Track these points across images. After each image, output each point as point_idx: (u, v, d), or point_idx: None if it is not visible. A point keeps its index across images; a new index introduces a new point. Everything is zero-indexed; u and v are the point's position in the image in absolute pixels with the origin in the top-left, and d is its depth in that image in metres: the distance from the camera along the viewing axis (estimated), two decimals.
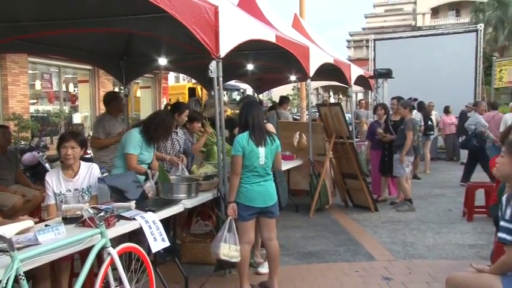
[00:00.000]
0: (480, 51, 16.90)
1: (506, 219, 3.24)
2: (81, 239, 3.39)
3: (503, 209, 3.31)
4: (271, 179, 4.93)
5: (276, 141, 4.95)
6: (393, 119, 9.38)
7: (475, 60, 16.71)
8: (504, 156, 3.45)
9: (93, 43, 7.34)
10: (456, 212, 8.53)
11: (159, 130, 5.33)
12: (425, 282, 5.24)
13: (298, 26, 10.57)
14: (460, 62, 16.53)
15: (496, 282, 3.28)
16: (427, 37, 19.15)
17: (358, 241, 6.88)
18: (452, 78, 16.02)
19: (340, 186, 9.30)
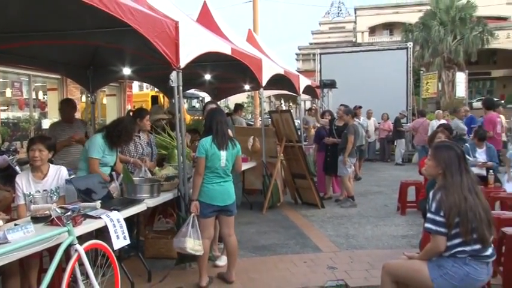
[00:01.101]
0: (410, 65, 17.40)
1: (432, 211, 3.38)
2: (49, 237, 3.31)
3: (429, 203, 3.43)
4: (231, 180, 4.93)
5: (237, 146, 4.96)
6: (337, 124, 9.46)
7: (406, 74, 17.15)
8: (430, 159, 3.59)
9: (62, 54, 7.16)
10: (391, 207, 8.69)
11: (122, 136, 5.26)
12: (365, 269, 5.31)
13: (252, 41, 10.57)
14: (393, 74, 16.91)
15: (423, 267, 3.43)
16: (366, 52, 19.50)
17: (307, 235, 6.91)
18: (387, 88, 16.36)
19: (290, 185, 9.32)
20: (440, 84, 33.69)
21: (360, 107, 12.86)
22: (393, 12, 56.00)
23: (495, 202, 6.87)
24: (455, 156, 3.47)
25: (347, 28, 65.28)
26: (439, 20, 37.51)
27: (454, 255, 3.32)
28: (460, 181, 3.37)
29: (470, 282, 3.33)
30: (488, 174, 7.90)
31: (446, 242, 3.31)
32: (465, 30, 37.48)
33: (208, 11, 8.83)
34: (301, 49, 60.14)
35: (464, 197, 3.31)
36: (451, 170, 3.43)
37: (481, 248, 3.31)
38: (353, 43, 53.11)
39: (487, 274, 3.42)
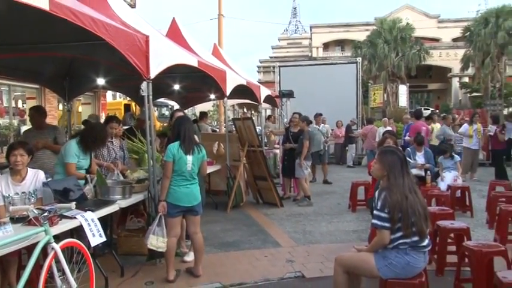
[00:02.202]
0: (359, 78, 17.66)
1: (377, 208, 3.47)
2: (27, 236, 3.25)
3: (375, 201, 3.51)
4: (197, 183, 4.90)
5: (203, 151, 4.94)
6: (293, 130, 9.53)
7: (356, 85, 17.40)
8: (376, 162, 3.67)
9: (40, 65, 6.98)
10: (344, 205, 8.79)
11: (96, 141, 5.21)
12: (320, 262, 5.36)
13: (217, 54, 10.55)
14: (344, 86, 17.11)
15: (370, 258, 3.52)
16: (320, 66, 19.76)
17: (267, 231, 6.91)
18: (340, 98, 16.53)
19: (252, 186, 9.32)
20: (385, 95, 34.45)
21: (320, 114, 12.92)
22: (344, 31, 56.96)
23: (431, 199, 7.07)
24: (398, 160, 3.58)
25: (303, 44, 66.02)
26: (384, 38, 38.45)
27: (397, 247, 3.42)
28: (401, 182, 3.48)
29: (410, 269, 3.44)
30: (426, 174, 8.13)
31: (390, 236, 3.40)
32: (405, 48, 38.58)
33: (176, 27, 8.79)
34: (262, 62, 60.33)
35: (405, 196, 3.41)
36: (394, 172, 3.53)
37: (419, 239, 3.42)
38: (309, 57, 53.69)
39: (424, 262, 3.53)
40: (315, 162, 11.35)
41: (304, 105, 13.11)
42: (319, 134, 11.95)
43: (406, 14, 49.79)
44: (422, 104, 50.62)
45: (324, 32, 58.17)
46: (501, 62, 37.28)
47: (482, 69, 37.54)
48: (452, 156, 9.11)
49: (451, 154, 9.13)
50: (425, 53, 40.42)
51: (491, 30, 35.87)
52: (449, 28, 52.67)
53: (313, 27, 59.89)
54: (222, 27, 20.16)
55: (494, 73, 37.04)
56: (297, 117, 9.57)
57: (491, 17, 36.61)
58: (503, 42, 35.50)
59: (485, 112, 17.26)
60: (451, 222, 5.10)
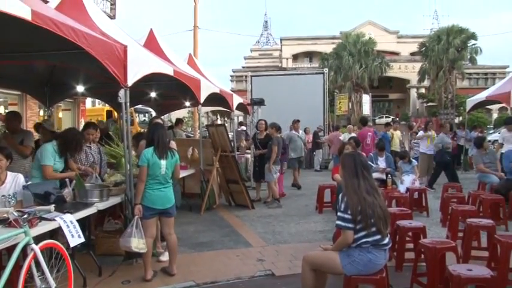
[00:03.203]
0: (326, 88, 17.81)
1: (341, 210, 3.52)
2: (8, 237, 3.20)
3: (339, 203, 3.57)
4: (170, 186, 4.87)
5: (176, 156, 4.92)
6: (259, 137, 9.56)
7: (323, 94, 17.54)
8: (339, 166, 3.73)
9: (22, 73, 6.86)
10: (311, 207, 8.84)
11: (73, 145, 5.16)
12: (289, 260, 5.38)
13: (192, 63, 10.52)
14: (312, 95, 17.22)
15: (335, 256, 3.55)
16: (290, 76, 19.90)
17: (239, 232, 6.91)
18: (308, 106, 16.61)
19: (225, 189, 9.30)
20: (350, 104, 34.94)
21: (298, 120, 12.66)
22: (312, 43, 57.58)
23: (392, 200, 7.20)
24: (355, 164, 3.63)
25: (274, 55, 66.27)
26: (349, 51, 39.06)
27: (360, 246, 3.47)
28: (357, 185, 3.53)
29: (372, 266, 3.50)
30: (387, 178, 8.27)
31: (353, 235, 3.45)
32: (368, 61, 39.31)
33: (154, 38, 8.75)
34: (235, 71, 60.22)
35: (363, 197, 3.47)
36: (351, 175, 3.59)
37: (380, 238, 3.48)
38: (279, 68, 54.01)
39: (385, 259, 3.60)
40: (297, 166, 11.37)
41: (275, 112, 13.20)
42: (299, 140, 11.90)
43: (368, 29, 50.78)
44: (384, 113, 51.69)
45: (294, 44, 58.66)
46: (452, 75, 38.38)
47: (437, 81, 38.60)
48: (411, 161, 9.32)
49: (409, 159, 9.34)
50: (386, 65, 41.37)
51: (443, 46, 36.96)
52: (407, 43, 53.95)
53: (283, 40, 60.29)
54: (197, 38, 20.15)
55: (447, 85, 38.10)
56: (263, 123, 9.62)
57: (443, 35, 37.74)
58: (453, 58, 36.67)
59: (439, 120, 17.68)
60: (409, 222, 5.21)
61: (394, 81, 52.97)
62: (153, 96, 9.59)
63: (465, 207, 6.12)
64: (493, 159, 8.82)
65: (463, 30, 37.35)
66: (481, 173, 8.77)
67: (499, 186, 7.83)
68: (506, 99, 10.69)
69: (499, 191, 7.58)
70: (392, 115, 46.12)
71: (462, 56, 37.54)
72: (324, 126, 17.47)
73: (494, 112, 42.71)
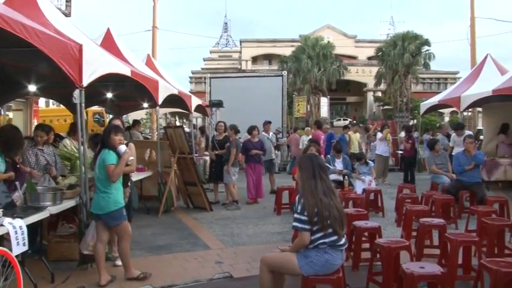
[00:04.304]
0: (285, 90, 17.88)
1: (298, 212, 3.55)
2: None
3: (296, 205, 3.60)
4: (101, 192, 4.57)
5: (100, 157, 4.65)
6: (218, 138, 9.57)
7: (282, 97, 17.60)
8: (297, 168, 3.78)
9: None
10: (269, 209, 8.87)
11: (15, 144, 4.87)
12: (247, 262, 5.38)
13: (151, 64, 10.40)
14: (271, 97, 17.26)
15: (293, 257, 3.58)
16: (249, 78, 19.91)
17: (197, 235, 6.86)
18: (266, 108, 16.59)
19: (183, 191, 9.22)
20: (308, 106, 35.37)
21: (269, 122, 12.52)
22: (271, 46, 58.04)
23: (349, 201, 7.34)
24: (312, 165, 3.68)
25: (233, 57, 66.32)
26: (307, 54, 39.60)
27: (317, 246, 3.52)
28: (314, 186, 3.57)
29: (329, 266, 3.55)
30: (344, 179, 8.43)
31: (310, 237, 3.49)
32: (327, 64, 40.01)
33: (111, 37, 8.59)
34: (194, 73, 59.77)
35: (320, 199, 3.51)
36: (308, 177, 3.63)
37: (337, 238, 3.54)
38: (238, 70, 54.06)
39: (341, 259, 3.66)
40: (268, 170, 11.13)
41: (233, 114, 13.17)
42: (269, 142, 11.62)
43: (327, 33, 51.71)
44: (342, 115, 52.79)
45: (253, 46, 58.95)
46: (407, 80, 39.68)
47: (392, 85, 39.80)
48: (367, 162, 9.54)
49: (366, 160, 9.56)
50: (344, 69, 42.28)
51: (399, 51, 38.19)
52: (364, 48, 55.32)
53: (243, 42, 60.50)
54: (156, 39, 19.93)
55: (402, 89, 39.37)
56: (222, 125, 9.62)
57: (398, 40, 38.99)
58: (408, 63, 37.97)
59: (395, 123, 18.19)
60: (365, 222, 5.33)
61: (351, 85, 54.14)
62: (110, 97, 9.39)
63: (418, 208, 6.33)
64: (445, 161, 9.16)
65: (418, 37, 38.70)
66: (434, 174, 9.09)
67: (449, 187, 8.13)
68: (457, 103, 11.14)
69: (449, 191, 7.89)
70: (350, 118, 47.13)
71: (416, 61, 38.89)
72: (282, 128, 17.59)
73: (446, 116, 44.37)
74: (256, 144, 9.67)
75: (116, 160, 4.53)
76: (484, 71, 11.78)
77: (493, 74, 11.23)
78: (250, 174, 9.59)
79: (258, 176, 9.70)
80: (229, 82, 18.08)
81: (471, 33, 19.68)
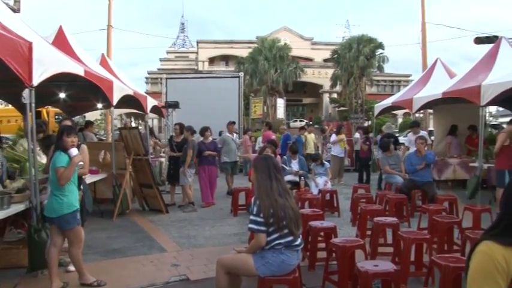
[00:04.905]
0: (241, 91, 17.89)
1: (253, 214, 3.57)
2: None
3: (252, 206, 3.62)
4: (53, 194, 4.43)
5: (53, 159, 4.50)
6: (176, 140, 9.48)
7: (238, 98, 17.62)
8: (252, 169, 3.80)
9: None
10: (226, 210, 8.87)
11: None
12: (204, 264, 5.36)
13: (105, 64, 10.16)
14: (228, 98, 17.21)
15: (249, 259, 3.60)
16: (206, 79, 19.81)
17: (153, 237, 6.77)
18: (223, 109, 16.53)
19: (138, 194, 9.08)
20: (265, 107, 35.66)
21: (233, 122, 12.21)
22: (228, 47, 57.99)
23: (305, 202, 7.44)
24: (268, 166, 3.72)
25: (190, 57, 65.77)
26: (264, 56, 39.92)
27: (273, 247, 3.55)
28: (270, 187, 3.61)
29: (285, 267, 3.59)
30: (300, 180, 8.53)
31: (266, 238, 3.52)
32: (283, 66, 40.48)
33: (63, 35, 8.33)
34: (150, 73, 58.91)
35: (275, 199, 3.55)
36: (263, 178, 3.66)
37: (293, 239, 3.58)
38: (195, 70, 53.76)
39: (297, 259, 3.71)
40: (230, 171, 10.88)
41: (190, 115, 13.08)
42: (234, 143, 11.26)
43: (284, 35, 52.19)
44: (298, 116, 53.38)
45: (210, 47, 58.73)
46: (362, 82, 40.72)
47: (348, 87, 40.74)
48: (323, 163, 9.69)
49: (322, 161, 9.71)
50: (301, 70, 42.93)
51: (354, 54, 39.15)
52: (321, 50, 56.21)
53: (199, 43, 60.18)
54: (111, 38, 19.48)
55: (357, 91, 40.37)
56: (178, 128, 9.55)
57: (354, 43, 40.00)
58: (363, 65, 38.99)
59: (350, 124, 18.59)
60: (321, 222, 5.42)
61: (308, 86, 54.92)
62: (62, 97, 9.11)
63: (373, 207, 6.51)
64: (398, 161, 9.45)
65: (372, 40, 39.82)
66: (387, 174, 9.36)
67: (402, 186, 8.39)
68: (409, 105, 11.51)
69: (402, 190, 8.14)
70: (306, 119, 47.77)
71: (371, 64, 40.01)
72: (239, 129, 17.60)
73: (400, 117, 45.77)
74: (209, 145, 9.58)
75: (67, 163, 4.38)
76: (435, 74, 12.21)
77: (443, 77, 11.65)
78: (203, 176, 9.48)
79: (212, 178, 9.61)
80: (185, 83, 17.92)
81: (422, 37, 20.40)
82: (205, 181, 9.44)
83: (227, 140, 10.93)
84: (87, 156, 5.26)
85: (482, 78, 8.43)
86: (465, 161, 10.73)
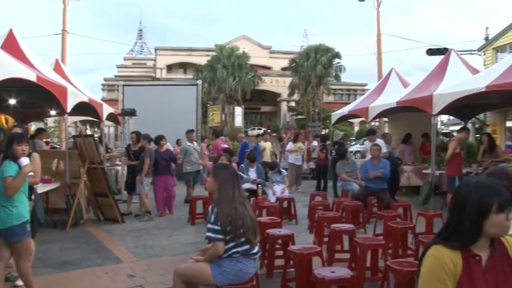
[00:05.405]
0: (199, 99, 17.85)
1: (211, 222, 3.55)
2: None
3: (209, 215, 3.59)
4: (1, 204, 4.17)
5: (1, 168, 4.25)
6: (133, 148, 9.34)
7: (196, 106, 17.56)
8: (211, 177, 3.80)
9: None
10: (184, 219, 8.76)
11: None
12: (161, 274, 5.27)
13: (59, 70, 9.90)
14: (186, 106, 17.13)
15: (206, 268, 3.58)
16: (163, 86, 19.67)
17: (108, 248, 6.60)
18: (181, 117, 16.39)
19: (93, 203, 8.84)
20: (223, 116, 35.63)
21: (192, 130, 11.86)
22: (187, 54, 57.60)
23: (263, 210, 7.47)
24: (230, 175, 3.72)
25: (148, 64, 64.86)
26: (223, 64, 39.93)
27: (230, 256, 3.54)
28: (232, 195, 3.60)
29: (243, 275, 3.59)
30: (257, 188, 8.57)
31: (224, 247, 3.50)
32: (242, 74, 40.62)
33: (14, 39, 8.03)
34: (107, 80, 57.66)
35: (235, 207, 3.54)
36: (225, 186, 3.64)
37: (250, 247, 3.59)
38: (153, 78, 53.09)
39: (255, 267, 3.72)
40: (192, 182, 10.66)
41: (147, 123, 12.93)
42: (196, 152, 10.92)
43: (242, 43, 52.39)
44: (256, 124, 53.61)
45: (168, 54, 58.16)
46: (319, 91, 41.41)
47: (305, 95, 41.29)
48: (280, 171, 9.77)
49: (279, 169, 9.78)
50: (259, 79, 43.22)
51: (311, 63, 39.77)
52: (279, 58, 56.74)
53: (158, 50, 59.47)
54: (65, 43, 19.06)
55: (315, 99, 40.98)
56: (134, 136, 9.40)
57: (311, 52, 40.65)
58: (320, 74, 39.68)
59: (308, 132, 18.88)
60: (279, 230, 5.46)
61: (266, 95, 55.28)
62: (13, 104, 8.78)
63: (329, 214, 6.62)
64: (354, 169, 9.65)
65: (329, 50, 40.59)
66: (344, 182, 9.53)
67: (358, 193, 8.58)
68: (365, 113, 11.81)
69: (358, 197, 8.32)
70: (264, 127, 48.04)
71: (328, 73, 40.73)
72: (196, 137, 17.49)
73: (356, 125, 46.81)
74: (164, 154, 9.43)
75: (16, 172, 4.17)
76: (389, 83, 12.58)
77: (397, 86, 12.02)
78: (158, 186, 9.31)
79: (168, 188, 9.43)
80: (143, 90, 17.71)
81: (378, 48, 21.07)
82: (160, 191, 9.29)
83: (189, 150, 10.63)
84: (39, 165, 5.07)
85: (433, 88, 8.78)
86: (418, 168, 11.08)
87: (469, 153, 11.57)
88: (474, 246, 1.82)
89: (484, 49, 20.88)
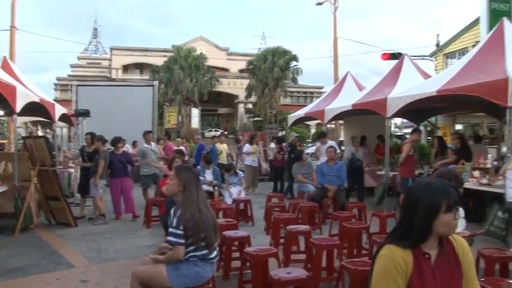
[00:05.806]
0: (155, 100, 17.56)
1: (173, 226, 3.49)
2: None
3: (171, 218, 3.54)
4: None
5: None
6: (87, 150, 9.10)
7: (152, 107, 17.28)
8: (173, 178, 3.70)
9: None
10: (139, 222, 8.61)
11: None
12: (115, 279, 5.15)
13: (8, 68, 9.47)
14: (142, 107, 16.81)
15: (162, 270, 3.53)
16: (119, 87, 19.30)
17: (60, 253, 6.38)
18: (137, 119, 16.07)
19: (44, 207, 8.53)
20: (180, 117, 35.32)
21: (149, 131, 11.48)
22: (143, 55, 56.78)
23: (219, 212, 7.45)
24: (193, 176, 3.69)
25: (103, 64, 63.38)
26: (180, 65, 39.68)
27: (188, 259, 3.50)
28: (196, 196, 3.58)
29: (199, 279, 3.56)
30: (214, 190, 8.56)
31: (185, 251, 3.46)
32: (199, 75, 40.52)
33: None
34: (59, 80, 55.88)
35: (199, 208, 3.51)
36: (189, 188, 3.60)
37: (208, 252, 3.56)
38: (108, 78, 51.93)
39: (211, 271, 3.69)
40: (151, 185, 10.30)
41: (102, 124, 12.62)
42: (154, 154, 10.49)
43: (200, 45, 52.18)
44: (213, 126, 53.51)
45: (124, 54, 57.09)
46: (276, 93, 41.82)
47: (262, 97, 41.60)
48: (237, 173, 9.77)
49: (235, 171, 9.78)
50: (216, 80, 43.21)
51: (269, 65, 40.14)
52: (237, 60, 56.93)
53: (113, 49, 58.24)
54: (14, 41, 18.33)
55: (272, 101, 41.36)
56: (89, 137, 9.15)
57: (269, 55, 41.05)
58: (278, 77, 40.11)
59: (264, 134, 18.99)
60: (235, 232, 5.45)
61: (223, 96, 55.28)
62: None
63: (286, 215, 6.66)
64: (310, 171, 9.78)
65: (287, 52, 41.10)
66: (300, 183, 9.65)
67: (314, 195, 8.70)
68: (321, 116, 12.00)
69: (314, 198, 8.43)
70: (221, 129, 48.02)
71: (285, 76, 41.23)
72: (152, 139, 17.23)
73: (313, 127, 47.48)
74: (120, 156, 9.12)
75: None
76: (345, 86, 12.79)
77: (353, 89, 12.26)
78: (115, 189, 9.03)
79: (127, 191, 9.10)
80: (98, 91, 17.25)
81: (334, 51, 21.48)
82: (118, 194, 9.01)
83: (146, 152, 10.27)
84: None
85: (388, 91, 9.02)
86: (373, 169, 11.35)
87: (421, 155, 11.94)
88: (424, 245, 1.89)
89: (435, 55, 21.76)
